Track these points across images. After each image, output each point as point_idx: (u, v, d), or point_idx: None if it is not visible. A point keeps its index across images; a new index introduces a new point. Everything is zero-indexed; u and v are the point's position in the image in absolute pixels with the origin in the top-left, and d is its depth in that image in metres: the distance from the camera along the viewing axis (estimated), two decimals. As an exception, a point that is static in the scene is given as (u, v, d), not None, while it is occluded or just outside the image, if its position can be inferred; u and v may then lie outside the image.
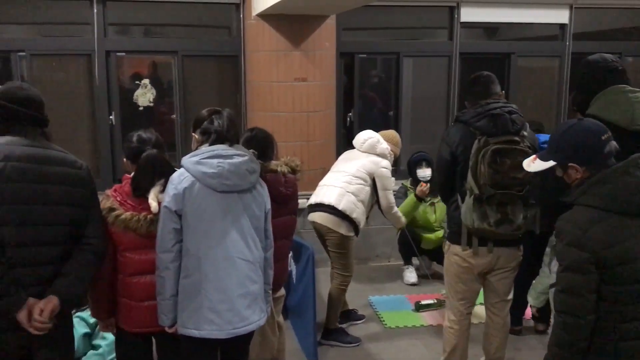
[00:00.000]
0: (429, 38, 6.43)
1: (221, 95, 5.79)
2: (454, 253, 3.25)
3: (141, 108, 5.44)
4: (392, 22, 6.13)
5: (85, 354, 3.54)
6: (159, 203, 2.55)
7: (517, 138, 2.99)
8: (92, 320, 3.49)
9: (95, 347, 3.55)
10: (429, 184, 4.82)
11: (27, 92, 2.40)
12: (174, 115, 5.56)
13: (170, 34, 5.85)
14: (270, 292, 2.80)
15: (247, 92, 5.49)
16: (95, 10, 5.11)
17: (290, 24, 5.07)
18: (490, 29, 6.58)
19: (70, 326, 2.55)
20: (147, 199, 2.59)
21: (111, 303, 2.70)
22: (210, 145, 2.56)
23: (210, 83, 5.85)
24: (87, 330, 3.54)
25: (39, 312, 2.24)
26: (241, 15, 5.41)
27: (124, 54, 5.40)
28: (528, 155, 2.65)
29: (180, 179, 2.48)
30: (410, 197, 4.85)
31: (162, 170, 2.63)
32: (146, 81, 5.42)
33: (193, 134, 2.73)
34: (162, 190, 2.58)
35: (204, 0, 5.40)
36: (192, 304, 2.47)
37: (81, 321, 3.55)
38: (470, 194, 3.01)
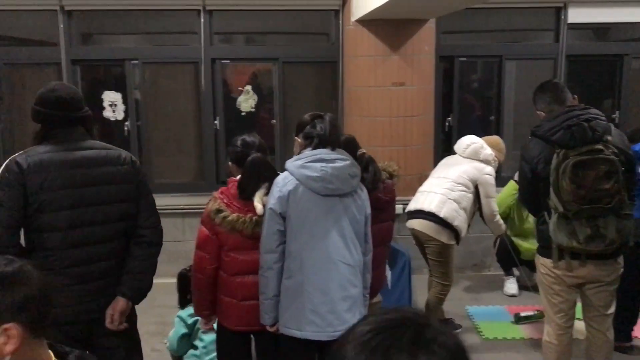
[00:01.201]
0: (533, 40, 6.18)
1: (319, 101, 5.87)
2: (544, 266, 3.10)
3: (243, 113, 5.62)
4: (494, 24, 5.96)
5: (185, 353, 3.69)
6: (264, 205, 2.62)
7: (599, 146, 2.78)
8: (190, 321, 3.63)
9: (194, 347, 3.69)
10: None
11: (57, 93, 2.43)
12: (274, 120, 5.70)
13: (271, 41, 6.02)
14: (368, 296, 2.80)
15: (344, 97, 5.53)
16: (202, 20, 5.34)
17: (389, 29, 5.06)
18: (601, 30, 6.23)
19: (132, 314, 2.63)
20: (252, 201, 2.68)
21: (213, 301, 2.82)
22: (313, 149, 2.60)
23: (309, 89, 5.95)
24: (185, 330, 3.68)
25: (110, 320, 2.45)
26: (340, 22, 5.46)
27: (228, 61, 5.62)
28: (613, 164, 2.48)
29: (284, 182, 2.54)
30: (510, 184, 4.67)
31: (267, 174, 2.71)
32: (248, 87, 5.60)
33: (296, 137, 2.78)
34: (267, 193, 2.65)
35: (304, 7, 5.50)
36: (294, 305, 2.52)
37: (180, 321, 3.70)
38: (555, 211, 2.86)
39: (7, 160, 2.37)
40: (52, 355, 1.39)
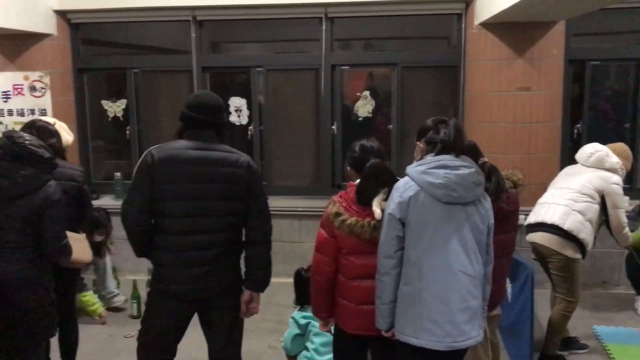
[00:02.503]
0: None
1: (437, 106, 5.77)
2: None
3: (360, 118, 5.66)
4: (629, 25, 5.54)
5: (298, 354, 3.77)
6: (383, 210, 2.62)
7: None
8: (303, 322, 3.71)
9: (306, 349, 3.77)
10: None
11: (199, 98, 2.80)
12: (391, 126, 5.68)
13: (389, 46, 6.01)
14: (486, 309, 2.71)
15: (465, 102, 5.40)
16: (324, 27, 5.45)
17: (515, 32, 4.87)
18: None
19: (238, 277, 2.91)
20: (370, 205, 2.68)
21: (331, 304, 2.85)
22: (435, 155, 2.55)
23: (427, 94, 5.87)
24: (298, 331, 3.76)
25: (245, 309, 2.91)
26: (462, 25, 5.34)
27: (347, 67, 5.68)
28: None
29: (405, 187, 2.51)
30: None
31: (385, 179, 2.70)
32: (366, 93, 5.63)
33: (417, 142, 2.74)
34: (386, 198, 2.64)
35: (426, 12, 5.43)
36: (411, 312, 2.49)
37: (294, 322, 3.79)
38: None
39: (146, 151, 2.73)
40: None
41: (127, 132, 5.92)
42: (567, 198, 3.75)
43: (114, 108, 5.94)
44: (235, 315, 2.94)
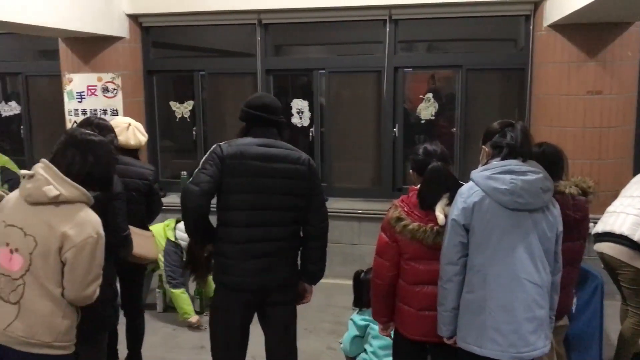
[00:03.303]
0: None
1: (502, 109, 5.65)
2: None
3: (423, 121, 5.61)
4: None
5: (357, 355, 3.77)
6: (446, 215, 2.58)
7: None
8: (362, 324, 3.70)
9: (365, 351, 3.76)
10: None
11: (261, 99, 2.94)
12: (454, 129, 5.60)
13: (452, 48, 5.93)
14: (554, 319, 2.63)
15: (531, 105, 5.26)
16: (387, 29, 5.43)
17: (587, 33, 4.71)
18: None
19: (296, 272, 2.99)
20: (433, 210, 2.64)
21: (391, 308, 2.83)
22: (501, 159, 2.50)
23: (492, 96, 5.76)
24: (357, 333, 3.76)
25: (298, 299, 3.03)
26: (530, 27, 5.21)
27: (410, 69, 5.64)
28: None
29: (469, 192, 2.47)
30: None
31: (448, 184, 2.66)
32: (429, 95, 5.57)
33: (483, 146, 2.69)
34: (449, 203, 2.60)
35: (493, 14, 5.32)
36: (475, 320, 2.45)
37: (353, 324, 3.79)
38: None
39: (214, 145, 2.83)
40: None
41: (194, 132, 6.08)
42: (638, 207, 3.59)
43: (182, 109, 6.12)
44: (293, 310, 3.01)
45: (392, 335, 2.95)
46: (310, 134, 5.81)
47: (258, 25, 5.68)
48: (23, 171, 2.33)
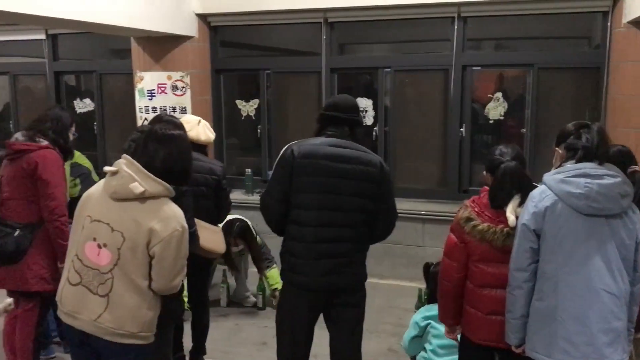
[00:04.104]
0: None
1: (576, 110, 5.42)
2: None
3: (491, 121, 5.46)
4: None
5: (417, 354, 3.72)
6: (517, 217, 2.50)
7: None
8: (422, 323, 3.64)
9: (424, 349, 3.71)
10: None
11: (334, 99, 3.01)
12: (524, 129, 5.42)
13: (523, 46, 5.74)
14: (632, 331, 2.49)
15: (607, 106, 5.02)
16: (455, 27, 5.32)
17: (673, 30, 4.46)
18: None
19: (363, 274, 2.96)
20: (504, 211, 2.57)
21: (458, 311, 2.77)
22: (576, 162, 2.39)
23: (565, 97, 5.53)
24: (416, 332, 3.71)
25: None
26: (608, 24, 4.97)
27: (479, 68, 5.51)
28: None
29: (541, 196, 2.38)
30: None
31: (521, 184, 2.58)
32: (499, 95, 5.42)
33: (556, 148, 2.60)
34: (520, 204, 2.52)
35: (567, 11, 5.11)
36: (545, 329, 2.36)
37: (414, 324, 3.73)
38: None
39: (286, 146, 2.86)
40: None
41: (258, 130, 6.16)
42: None
43: (247, 107, 6.21)
44: (360, 312, 2.97)
45: (459, 339, 2.90)
46: (374, 133, 5.77)
47: (324, 24, 5.68)
48: (106, 168, 2.42)
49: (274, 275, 4.76)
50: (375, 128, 5.77)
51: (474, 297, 2.66)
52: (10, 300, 2.83)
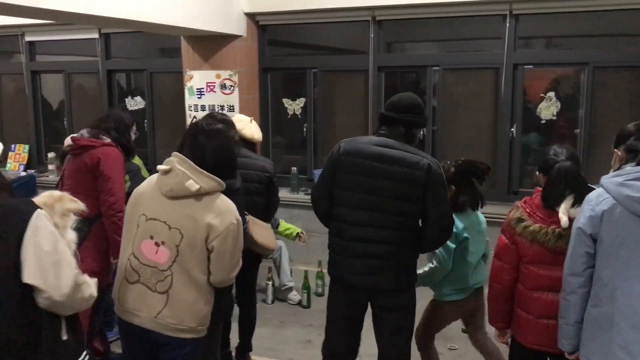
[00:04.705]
0: None
1: (632, 110, 5.22)
2: None
3: (543, 121, 5.32)
4: None
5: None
6: (570, 218, 2.43)
7: None
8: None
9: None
10: None
11: (393, 98, 2.86)
12: (577, 130, 5.26)
13: (577, 44, 5.59)
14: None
15: (667, 106, 4.83)
16: (507, 25, 5.20)
17: None
18: None
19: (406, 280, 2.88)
20: (556, 212, 2.51)
21: (509, 313, 2.72)
22: (636, 164, 2.30)
23: (622, 96, 5.34)
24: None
25: None
26: (669, 20, 4.78)
27: (531, 66, 5.37)
28: None
29: (598, 200, 2.30)
30: None
31: (575, 184, 2.51)
32: (551, 94, 5.27)
33: (615, 150, 2.52)
34: (573, 205, 2.46)
35: (626, 6, 4.92)
36: (601, 337, 2.27)
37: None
38: None
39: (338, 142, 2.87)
40: None
41: (304, 129, 6.18)
42: None
43: (293, 106, 6.24)
44: (403, 316, 2.90)
45: (509, 343, 2.84)
46: (421, 133, 5.69)
47: (372, 22, 5.64)
48: (160, 166, 2.46)
49: (284, 226, 5.08)
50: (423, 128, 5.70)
51: (525, 300, 2.62)
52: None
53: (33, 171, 7.35)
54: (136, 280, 2.42)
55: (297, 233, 5.13)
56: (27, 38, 7.32)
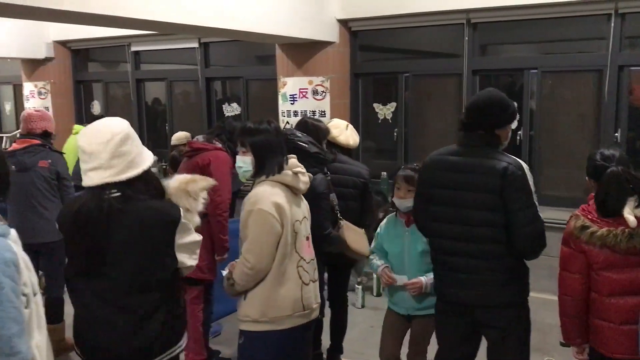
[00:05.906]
0: None
1: None
2: None
3: (652, 125, 5.03)
4: None
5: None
6: (637, 217, 2.32)
7: None
8: None
9: None
10: None
11: (473, 99, 2.72)
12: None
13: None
14: None
15: None
16: (612, 24, 4.95)
17: None
18: None
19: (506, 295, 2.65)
20: (619, 216, 2.38)
21: (584, 326, 2.57)
22: None
23: None
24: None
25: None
26: None
27: (638, 68, 5.08)
28: None
29: None
30: None
31: (632, 187, 2.38)
32: (661, 97, 4.97)
33: None
34: (638, 206, 2.34)
35: None
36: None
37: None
38: None
39: None
40: None
41: (395, 133, 6.16)
42: None
43: (384, 111, 6.24)
44: (506, 337, 2.67)
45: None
46: (518, 137, 5.53)
47: (466, 25, 5.55)
48: (297, 168, 2.63)
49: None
50: (519, 132, 5.53)
51: (602, 308, 2.46)
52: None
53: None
54: (314, 279, 2.65)
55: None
56: (133, 48, 7.80)
